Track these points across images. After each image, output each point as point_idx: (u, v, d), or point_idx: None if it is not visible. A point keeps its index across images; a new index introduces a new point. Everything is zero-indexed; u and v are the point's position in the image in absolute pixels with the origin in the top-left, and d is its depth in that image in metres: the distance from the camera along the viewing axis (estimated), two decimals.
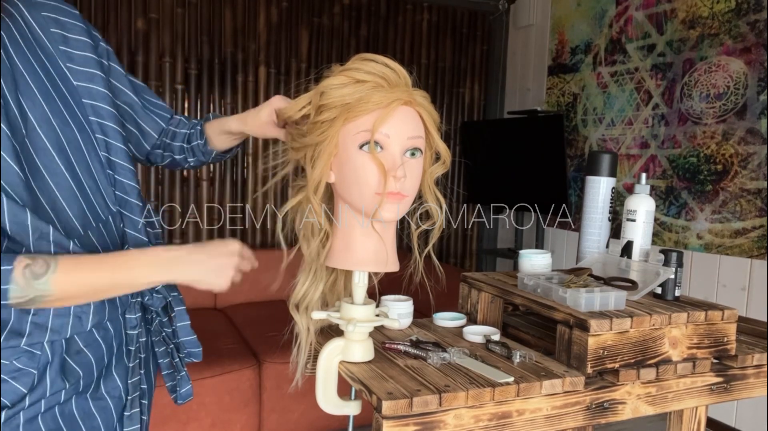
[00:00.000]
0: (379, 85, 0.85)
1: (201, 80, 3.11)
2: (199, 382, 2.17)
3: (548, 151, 3.01)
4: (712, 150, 2.55)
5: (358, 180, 0.86)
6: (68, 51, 0.88)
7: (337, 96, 0.85)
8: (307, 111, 0.90)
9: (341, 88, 0.85)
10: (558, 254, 3.38)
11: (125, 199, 0.92)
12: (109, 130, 0.90)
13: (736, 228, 2.44)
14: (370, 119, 0.84)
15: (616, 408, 1.02)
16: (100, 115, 0.90)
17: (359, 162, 0.85)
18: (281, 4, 3.23)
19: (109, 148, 0.90)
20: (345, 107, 0.84)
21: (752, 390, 1.16)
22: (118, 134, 0.91)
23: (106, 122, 0.90)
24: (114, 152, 0.91)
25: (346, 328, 0.93)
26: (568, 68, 3.31)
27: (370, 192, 0.86)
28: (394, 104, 0.85)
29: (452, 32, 3.72)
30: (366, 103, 0.84)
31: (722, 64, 2.50)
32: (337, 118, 0.85)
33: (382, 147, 0.85)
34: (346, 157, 0.86)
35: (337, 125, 0.85)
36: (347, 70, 0.86)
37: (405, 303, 1.16)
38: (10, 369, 0.79)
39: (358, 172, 0.86)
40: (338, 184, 0.90)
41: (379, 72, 0.85)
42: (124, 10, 2.92)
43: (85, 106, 0.88)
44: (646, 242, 1.26)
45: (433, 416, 0.86)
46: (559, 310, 1.04)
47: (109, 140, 0.90)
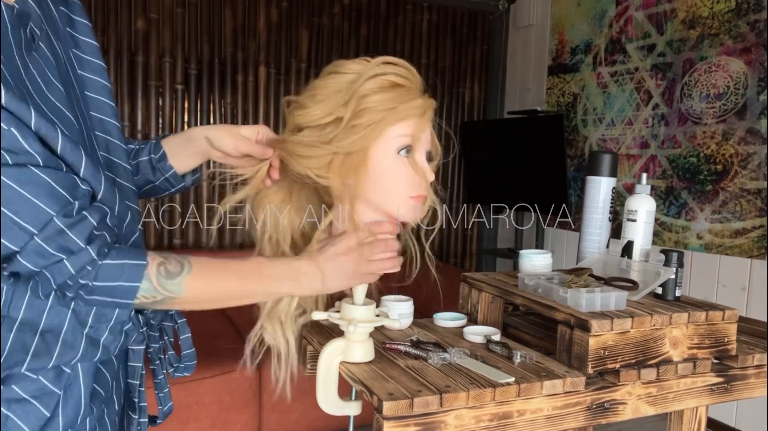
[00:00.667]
0: (412, 90, 0.85)
1: (201, 80, 3.11)
2: (199, 382, 2.17)
3: (548, 151, 3.01)
4: (712, 150, 2.55)
5: (395, 183, 0.86)
6: (74, 35, 0.79)
7: (378, 100, 0.83)
8: (339, 115, 0.84)
9: (381, 92, 0.83)
10: (558, 254, 3.38)
11: (126, 205, 0.83)
12: (111, 128, 0.82)
13: (736, 229, 2.44)
14: (407, 124, 0.85)
15: (616, 409, 1.02)
16: (103, 111, 0.81)
17: (396, 166, 0.86)
18: (281, 4, 3.23)
19: (109, 148, 0.82)
20: (389, 111, 0.83)
21: (753, 390, 1.16)
22: (118, 132, 0.84)
23: (109, 119, 0.82)
24: (115, 153, 0.83)
25: (346, 329, 0.93)
26: (568, 68, 3.31)
27: (404, 195, 0.87)
28: (429, 111, 0.87)
29: (452, 32, 3.72)
30: (411, 108, 0.84)
31: (722, 64, 2.50)
32: (382, 121, 0.83)
33: (414, 151, 0.87)
34: (379, 161, 0.86)
35: (381, 129, 0.83)
36: (382, 74, 0.83)
37: (405, 303, 1.16)
38: (34, 388, 0.71)
39: (395, 176, 0.86)
40: (360, 186, 0.88)
41: (409, 76, 0.85)
42: (124, 10, 2.92)
43: (87, 99, 0.80)
44: (647, 242, 1.26)
45: (434, 416, 0.86)
46: (559, 310, 1.04)
47: (111, 139, 0.82)
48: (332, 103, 0.84)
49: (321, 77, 0.87)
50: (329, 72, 0.87)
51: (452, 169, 3.83)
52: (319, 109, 0.84)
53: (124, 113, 2.97)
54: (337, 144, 0.83)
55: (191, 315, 0.97)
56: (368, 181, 0.86)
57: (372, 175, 0.86)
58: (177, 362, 0.93)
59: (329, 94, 0.84)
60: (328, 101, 0.84)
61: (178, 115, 3.10)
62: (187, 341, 0.92)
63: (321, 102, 0.84)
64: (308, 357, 1.13)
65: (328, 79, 0.86)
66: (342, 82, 0.84)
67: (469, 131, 3.62)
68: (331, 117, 0.84)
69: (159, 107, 3.05)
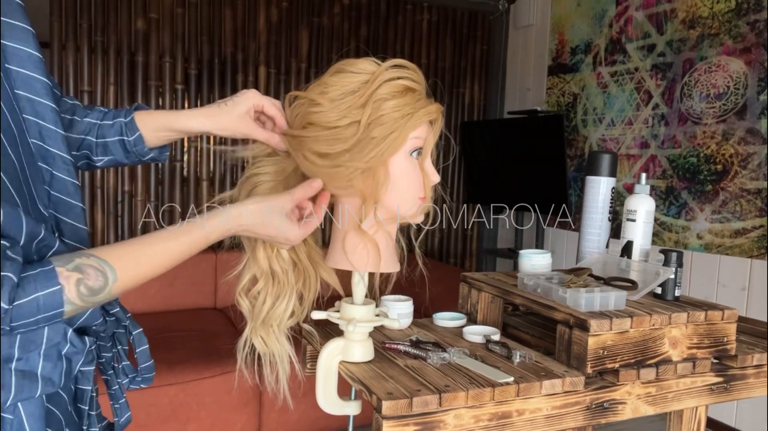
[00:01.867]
0: (422, 93, 0.86)
1: (201, 80, 3.11)
2: (199, 382, 2.17)
3: (548, 151, 3.01)
4: (712, 150, 2.55)
5: (409, 185, 0.87)
6: (3, 20, 0.66)
7: (395, 106, 0.82)
8: (356, 119, 0.82)
9: (396, 97, 0.83)
10: (558, 254, 3.38)
11: (65, 201, 0.71)
12: (44, 109, 0.69)
13: (736, 228, 2.44)
14: (420, 127, 0.85)
15: (616, 408, 1.02)
16: (32, 89, 0.68)
17: (410, 167, 0.86)
18: (281, 4, 3.23)
19: (43, 135, 0.68)
20: (408, 117, 0.83)
21: (752, 390, 1.16)
22: (53, 114, 0.70)
23: (39, 99, 0.69)
24: (50, 140, 0.69)
25: (346, 328, 0.93)
26: (568, 68, 3.31)
27: (414, 196, 0.88)
28: (440, 115, 0.87)
29: (452, 32, 3.72)
30: (427, 113, 0.84)
31: (722, 64, 2.50)
32: (402, 130, 0.83)
33: (424, 152, 0.87)
34: (396, 165, 0.86)
35: (402, 140, 0.83)
36: (396, 79, 0.83)
37: (405, 303, 1.16)
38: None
39: (410, 178, 0.86)
40: (380, 193, 0.87)
41: (419, 80, 0.85)
42: (124, 10, 2.92)
43: (10, 74, 0.66)
44: (646, 242, 1.27)
45: (433, 416, 0.86)
46: (559, 310, 1.04)
47: (44, 124, 0.68)
48: (348, 104, 0.82)
49: (330, 74, 0.85)
50: (339, 70, 0.85)
51: (452, 169, 3.83)
52: (335, 112, 0.82)
53: None
54: (359, 162, 0.82)
55: (191, 314, 0.96)
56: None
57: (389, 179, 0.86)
58: (132, 373, 0.85)
59: (343, 93, 0.83)
60: (343, 102, 0.82)
61: None
62: (145, 353, 0.85)
63: (335, 102, 0.82)
64: (308, 357, 1.14)
65: (339, 77, 0.84)
66: (354, 81, 0.83)
67: (469, 131, 3.62)
68: (347, 120, 0.82)
69: (159, 107, 3.05)
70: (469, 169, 3.69)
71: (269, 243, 0.87)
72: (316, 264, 0.94)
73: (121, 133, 0.84)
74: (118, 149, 0.85)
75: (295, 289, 0.91)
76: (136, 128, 0.84)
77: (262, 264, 0.88)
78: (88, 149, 0.85)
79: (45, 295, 0.58)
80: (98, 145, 0.84)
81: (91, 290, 0.61)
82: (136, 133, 0.84)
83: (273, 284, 0.89)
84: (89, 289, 0.61)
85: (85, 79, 2.87)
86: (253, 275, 0.89)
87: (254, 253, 0.88)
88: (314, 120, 0.84)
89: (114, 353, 0.83)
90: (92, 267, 0.62)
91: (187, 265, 3.01)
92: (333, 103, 0.83)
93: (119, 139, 0.84)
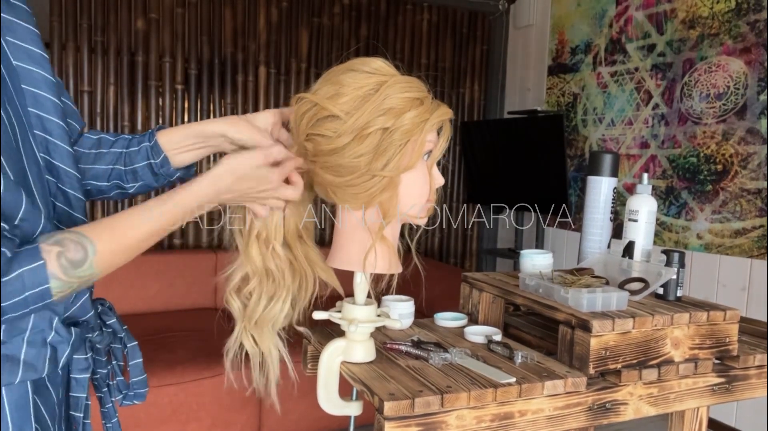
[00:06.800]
0: (429, 99, 0.86)
1: (201, 80, 3.11)
2: (199, 382, 2.16)
3: (548, 151, 3.00)
4: (712, 150, 2.55)
5: (420, 188, 0.88)
6: (9, 19, 0.69)
7: (413, 116, 0.82)
8: (378, 127, 0.81)
9: (413, 108, 0.83)
10: (558, 254, 3.38)
11: (69, 214, 0.74)
12: (52, 126, 0.72)
13: (736, 229, 2.44)
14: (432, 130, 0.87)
15: (618, 409, 1.02)
16: (42, 107, 0.72)
17: (422, 170, 0.87)
18: (281, 4, 3.23)
19: (50, 150, 0.72)
20: (424, 123, 0.84)
21: (754, 390, 1.15)
22: (61, 131, 0.73)
23: (49, 117, 0.72)
24: (57, 155, 0.73)
25: (347, 329, 0.93)
26: (568, 68, 3.31)
27: (422, 199, 0.89)
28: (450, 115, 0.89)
29: (452, 32, 3.72)
30: (440, 115, 0.85)
31: (722, 64, 2.50)
32: (421, 138, 0.84)
33: (432, 155, 0.88)
34: (412, 169, 0.87)
35: (424, 139, 0.84)
36: (407, 91, 0.82)
37: (406, 303, 1.16)
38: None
39: (420, 180, 0.87)
40: (394, 202, 0.88)
41: (425, 90, 0.86)
42: (124, 10, 2.91)
43: (24, 94, 0.70)
44: (648, 242, 1.26)
45: (435, 417, 0.86)
46: (561, 311, 1.04)
47: (52, 139, 0.72)
48: (365, 119, 0.80)
49: (342, 72, 0.83)
50: (351, 68, 0.83)
51: (452, 169, 3.83)
52: (351, 120, 0.80)
53: (124, 113, 2.97)
54: (384, 172, 0.82)
55: (191, 314, 0.95)
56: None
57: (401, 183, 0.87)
58: (126, 389, 0.85)
59: (356, 97, 0.81)
60: (359, 110, 0.80)
61: (178, 115, 3.09)
62: (138, 367, 0.85)
63: (351, 115, 0.80)
64: (309, 357, 1.13)
65: (353, 77, 0.82)
66: (368, 83, 0.81)
67: (469, 131, 3.62)
68: (368, 130, 0.81)
69: (159, 107, 3.04)
70: (469, 168, 3.69)
71: (263, 240, 0.85)
72: (314, 264, 0.91)
73: (148, 157, 0.85)
74: (147, 173, 0.86)
75: (291, 289, 0.89)
76: (160, 150, 0.84)
77: (256, 262, 0.85)
78: (119, 178, 0.86)
79: (29, 270, 0.59)
80: (127, 173, 0.86)
81: (71, 262, 0.62)
82: (161, 155, 0.84)
83: (268, 283, 0.87)
84: (70, 261, 0.62)
85: (85, 79, 2.87)
86: (245, 274, 0.86)
87: (247, 250, 0.85)
88: (330, 135, 0.82)
89: (109, 369, 0.83)
90: (71, 240, 0.63)
91: (187, 265, 3.02)
92: (350, 116, 0.80)
93: (147, 164, 0.85)
